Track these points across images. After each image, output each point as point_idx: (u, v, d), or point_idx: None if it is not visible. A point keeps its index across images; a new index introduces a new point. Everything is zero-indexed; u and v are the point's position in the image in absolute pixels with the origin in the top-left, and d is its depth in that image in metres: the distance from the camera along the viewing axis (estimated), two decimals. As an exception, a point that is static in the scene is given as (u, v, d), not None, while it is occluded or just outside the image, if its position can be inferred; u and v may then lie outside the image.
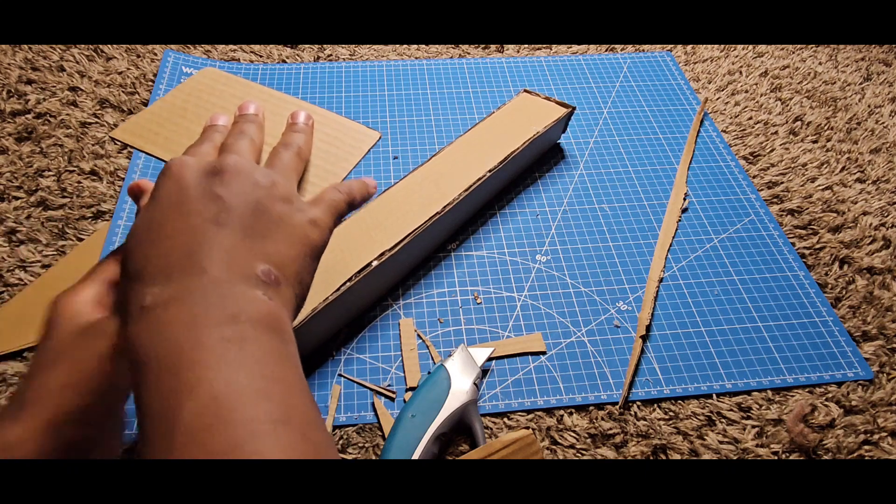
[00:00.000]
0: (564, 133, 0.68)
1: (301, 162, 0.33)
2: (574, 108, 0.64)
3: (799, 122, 0.74)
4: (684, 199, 0.64)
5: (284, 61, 0.76)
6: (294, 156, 0.32)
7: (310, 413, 0.23)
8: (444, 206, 0.52)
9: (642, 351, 0.51)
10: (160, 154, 0.37)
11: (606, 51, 0.83)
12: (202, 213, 0.26)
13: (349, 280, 0.46)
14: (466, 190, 0.54)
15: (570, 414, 0.47)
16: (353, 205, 0.33)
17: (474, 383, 0.45)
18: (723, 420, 0.48)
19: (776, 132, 0.72)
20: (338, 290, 0.46)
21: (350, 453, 0.44)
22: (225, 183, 0.27)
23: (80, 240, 0.55)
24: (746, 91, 0.78)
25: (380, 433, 0.45)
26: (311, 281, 0.30)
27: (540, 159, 0.67)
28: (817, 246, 0.60)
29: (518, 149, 0.58)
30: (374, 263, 0.48)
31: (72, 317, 0.28)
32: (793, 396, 0.49)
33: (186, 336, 0.22)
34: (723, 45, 0.85)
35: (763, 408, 0.48)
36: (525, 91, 0.66)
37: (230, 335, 0.23)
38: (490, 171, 0.56)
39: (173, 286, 0.24)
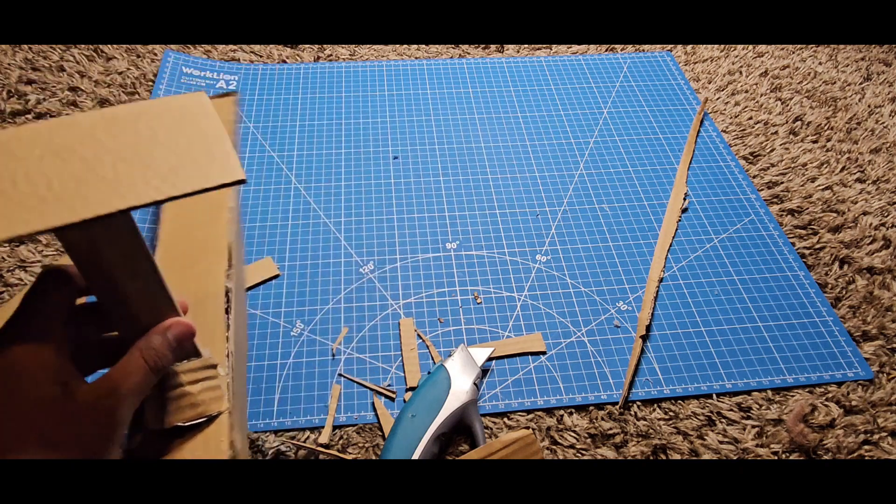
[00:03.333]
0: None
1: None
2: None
3: (799, 122, 0.74)
4: (684, 199, 0.64)
5: (284, 61, 0.76)
6: None
7: None
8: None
9: (642, 351, 0.51)
10: None
11: (606, 51, 0.83)
12: None
13: None
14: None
15: (570, 414, 0.47)
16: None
17: (474, 383, 0.45)
18: (723, 420, 0.48)
19: (776, 132, 0.72)
20: None
21: (350, 453, 0.44)
22: None
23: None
24: (746, 91, 0.78)
25: (380, 433, 0.45)
26: None
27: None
28: (817, 246, 0.60)
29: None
30: None
31: None
32: (793, 396, 0.49)
33: None
34: (723, 45, 0.85)
35: (763, 408, 0.48)
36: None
37: None
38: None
39: None
